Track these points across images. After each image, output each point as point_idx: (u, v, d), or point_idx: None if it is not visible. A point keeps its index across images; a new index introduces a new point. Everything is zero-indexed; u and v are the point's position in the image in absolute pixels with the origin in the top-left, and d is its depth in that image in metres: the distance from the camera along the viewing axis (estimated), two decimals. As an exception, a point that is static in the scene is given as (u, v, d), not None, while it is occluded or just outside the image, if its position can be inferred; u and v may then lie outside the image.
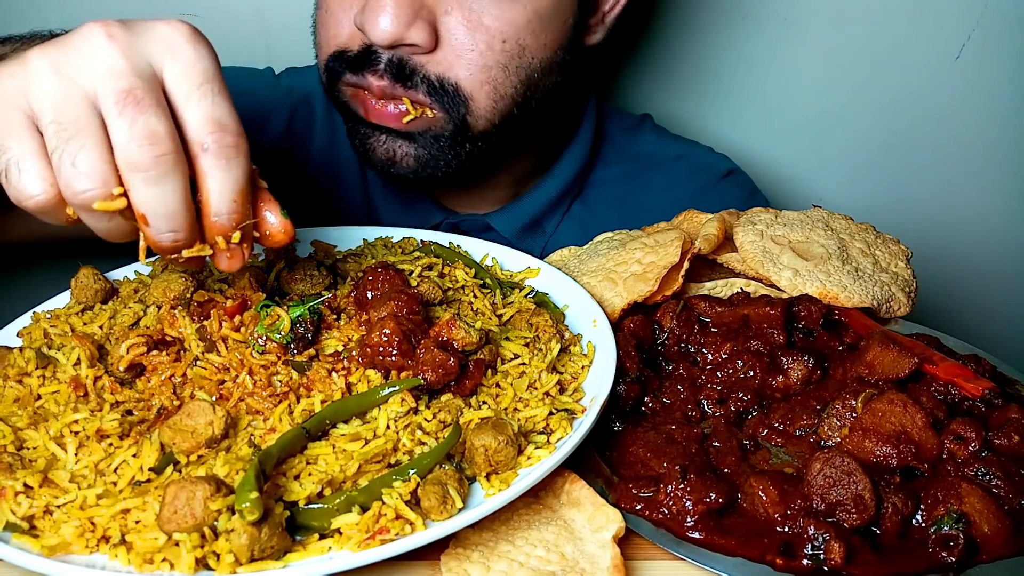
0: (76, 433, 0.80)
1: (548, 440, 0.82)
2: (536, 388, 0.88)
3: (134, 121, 0.70)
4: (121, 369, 0.87)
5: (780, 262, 1.10)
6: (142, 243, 0.77)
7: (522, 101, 1.26)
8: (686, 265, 1.08)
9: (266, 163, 1.49)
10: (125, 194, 0.72)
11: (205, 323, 0.89)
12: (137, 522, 0.73)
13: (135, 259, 1.07)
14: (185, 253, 0.77)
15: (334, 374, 0.85)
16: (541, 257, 1.27)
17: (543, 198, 1.49)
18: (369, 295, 0.93)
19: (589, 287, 1.08)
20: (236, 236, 0.77)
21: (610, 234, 1.23)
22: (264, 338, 0.87)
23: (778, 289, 1.11)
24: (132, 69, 0.71)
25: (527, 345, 0.94)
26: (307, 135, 1.51)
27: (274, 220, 0.80)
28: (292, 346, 0.87)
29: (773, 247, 1.11)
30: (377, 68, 1.19)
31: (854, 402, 0.88)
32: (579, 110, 1.51)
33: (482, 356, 0.89)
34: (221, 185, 0.75)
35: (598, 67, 1.84)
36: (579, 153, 1.51)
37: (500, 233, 1.48)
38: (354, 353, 0.87)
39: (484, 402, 0.86)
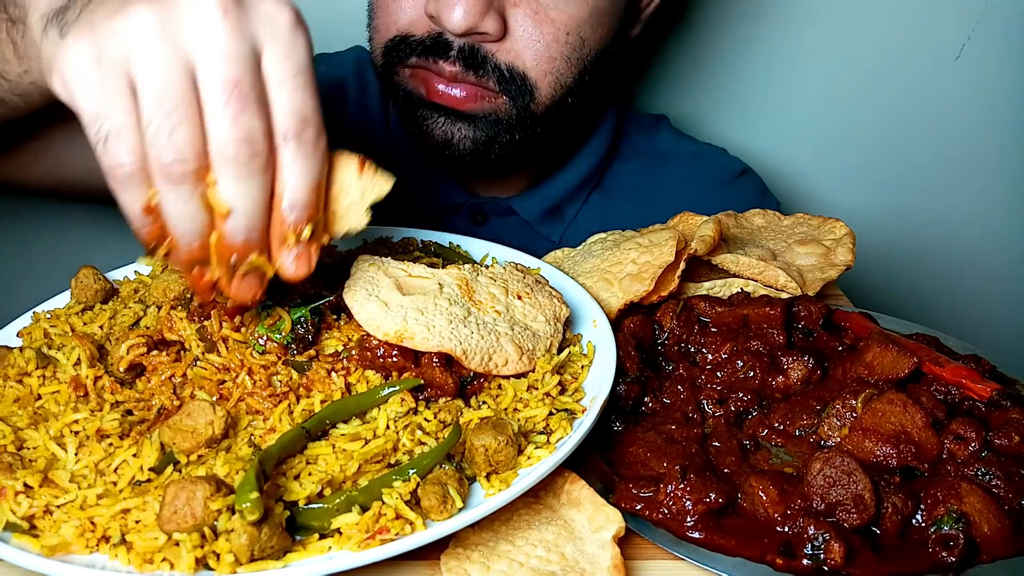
0: (76, 433, 0.80)
1: (548, 440, 0.82)
2: (536, 388, 0.88)
3: (237, 118, 0.69)
4: (121, 369, 0.87)
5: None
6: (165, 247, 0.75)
7: (576, 91, 1.32)
8: (682, 265, 1.08)
9: None
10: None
11: (205, 323, 0.89)
12: (137, 522, 0.73)
13: (135, 259, 1.08)
14: (251, 260, 0.75)
15: (333, 374, 0.85)
16: (560, 243, 1.29)
17: (564, 185, 1.54)
18: (369, 295, 0.93)
19: (584, 288, 1.08)
20: (307, 232, 0.76)
21: (603, 235, 1.23)
22: (264, 338, 0.87)
23: (777, 289, 1.11)
24: (241, 55, 0.70)
25: (527, 345, 0.93)
26: (339, 117, 1.54)
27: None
28: (292, 346, 0.87)
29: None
30: (448, 55, 1.24)
31: (854, 402, 0.88)
32: (601, 108, 1.56)
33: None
34: (298, 176, 0.74)
35: (620, 70, 1.86)
36: (599, 146, 1.56)
37: (522, 217, 1.52)
38: (354, 353, 0.87)
39: (484, 402, 0.86)
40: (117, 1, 0.70)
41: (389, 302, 0.87)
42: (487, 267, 0.99)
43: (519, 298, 0.94)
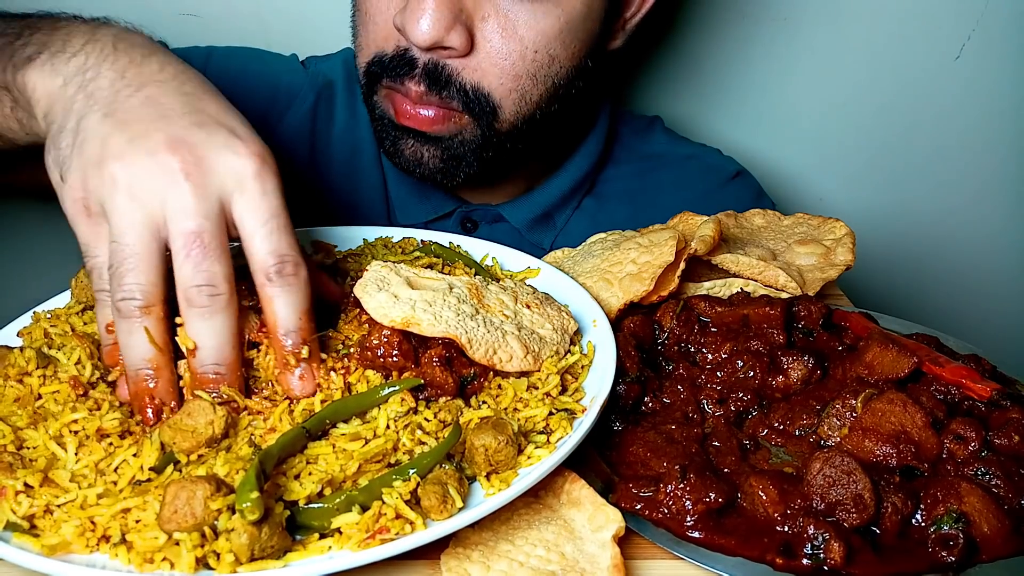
0: (76, 432, 0.80)
1: (548, 440, 0.82)
2: (536, 388, 0.88)
3: (198, 266, 0.77)
4: (121, 369, 0.87)
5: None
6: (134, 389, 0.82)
7: (546, 107, 1.29)
8: (682, 265, 1.08)
9: (291, 142, 1.51)
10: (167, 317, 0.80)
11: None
12: (137, 521, 0.73)
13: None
14: (221, 390, 0.81)
15: (333, 374, 0.85)
16: (551, 249, 1.29)
17: (555, 192, 1.51)
18: (369, 295, 0.93)
19: (584, 288, 1.08)
20: (305, 352, 0.82)
21: (603, 235, 1.23)
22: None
23: (777, 289, 1.11)
24: (202, 210, 0.77)
25: (527, 345, 0.93)
26: (329, 119, 1.54)
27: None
28: None
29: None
30: (413, 73, 1.22)
31: (854, 402, 0.88)
32: (593, 111, 1.54)
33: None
34: (286, 307, 0.81)
35: (612, 71, 1.85)
36: (591, 151, 1.54)
37: (511, 224, 1.51)
38: (354, 352, 0.87)
39: (484, 402, 0.86)
40: (99, 142, 0.79)
41: (399, 295, 0.88)
42: (498, 281, 0.99)
43: (528, 307, 0.94)
